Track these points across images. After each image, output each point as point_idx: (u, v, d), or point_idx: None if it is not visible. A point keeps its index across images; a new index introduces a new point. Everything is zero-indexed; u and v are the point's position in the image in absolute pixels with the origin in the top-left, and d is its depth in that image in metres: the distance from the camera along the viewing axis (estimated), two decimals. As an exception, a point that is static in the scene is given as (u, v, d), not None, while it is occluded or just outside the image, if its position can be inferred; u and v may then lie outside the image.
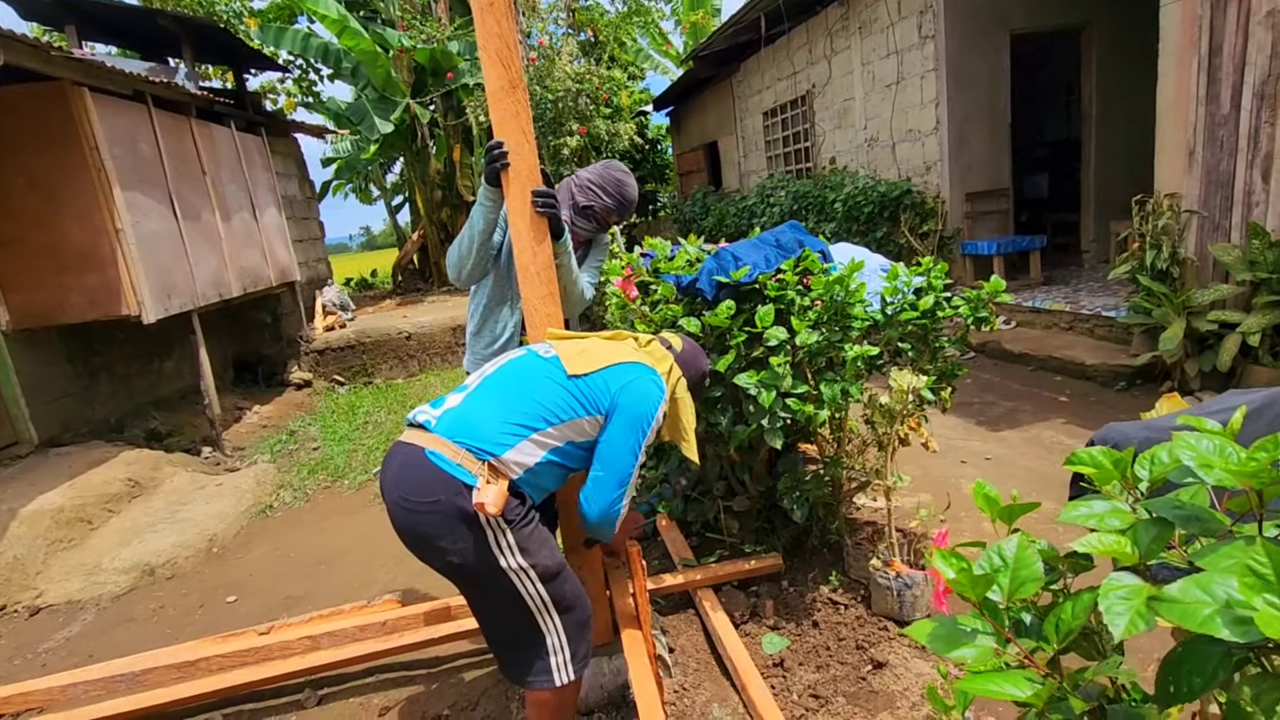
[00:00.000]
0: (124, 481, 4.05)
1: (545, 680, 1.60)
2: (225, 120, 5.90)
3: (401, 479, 1.52)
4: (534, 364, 1.69)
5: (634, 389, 1.65)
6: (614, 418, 1.63)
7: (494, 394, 1.62)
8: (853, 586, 2.50)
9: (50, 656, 2.85)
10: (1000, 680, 0.68)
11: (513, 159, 2.01)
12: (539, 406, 1.59)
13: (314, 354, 7.31)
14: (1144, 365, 4.19)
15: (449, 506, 1.47)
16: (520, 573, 1.55)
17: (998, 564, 0.76)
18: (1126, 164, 6.30)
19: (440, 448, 1.50)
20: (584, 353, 1.69)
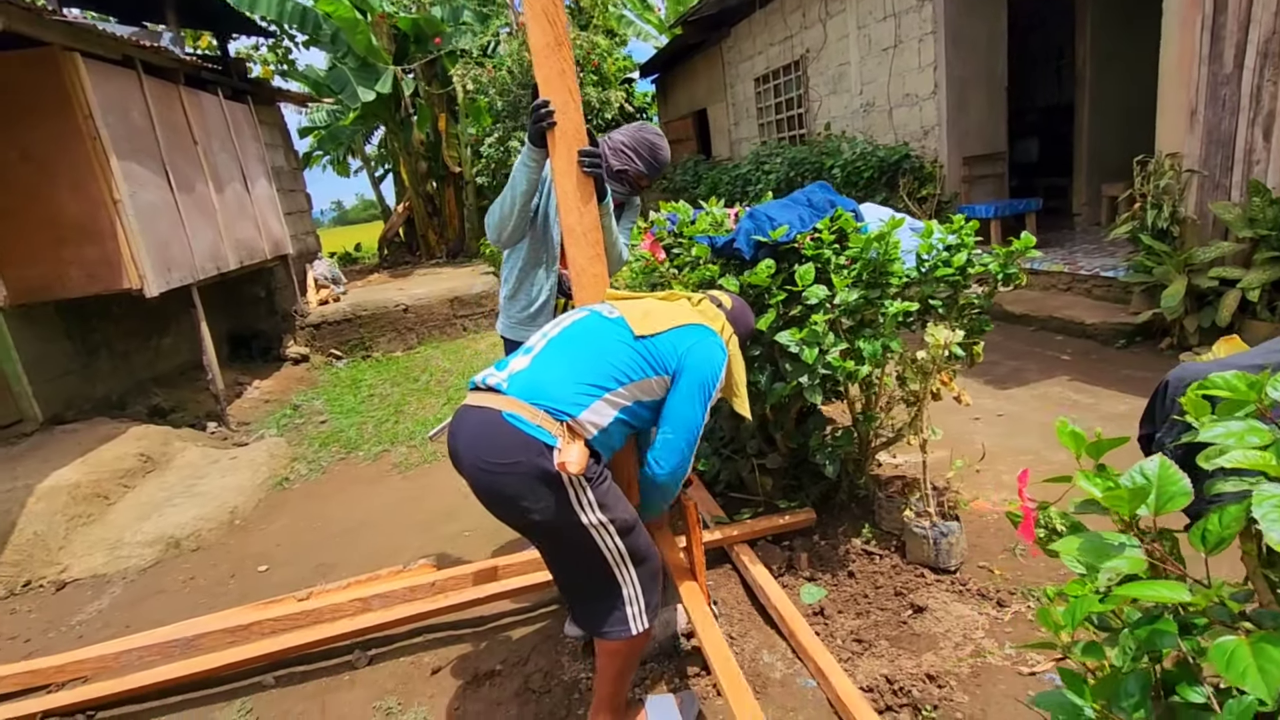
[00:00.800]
0: (136, 457, 4.02)
1: (622, 630, 1.66)
2: (212, 88, 5.73)
3: (479, 442, 1.54)
4: (601, 325, 1.71)
5: (699, 351, 1.69)
6: (681, 378, 1.67)
7: (564, 355, 1.64)
8: (885, 538, 2.58)
9: (85, 628, 2.85)
10: (1159, 587, 0.73)
11: (559, 118, 1.99)
12: (610, 367, 1.62)
13: (310, 328, 7.22)
14: (1144, 323, 4.30)
15: (531, 467, 1.49)
16: (600, 527, 1.59)
17: (1141, 482, 0.80)
18: (1119, 127, 6.37)
19: (518, 409, 1.52)
20: (648, 314, 1.72)
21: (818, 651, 2.00)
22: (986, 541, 2.53)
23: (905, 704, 1.90)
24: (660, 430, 1.68)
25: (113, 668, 2.13)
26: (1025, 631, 2.07)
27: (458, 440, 1.60)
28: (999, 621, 2.12)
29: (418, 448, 4.39)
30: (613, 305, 1.80)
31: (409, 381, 5.98)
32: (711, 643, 1.75)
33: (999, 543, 2.51)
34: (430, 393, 5.49)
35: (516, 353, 1.71)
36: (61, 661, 2.11)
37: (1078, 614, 0.99)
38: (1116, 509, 0.79)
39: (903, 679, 1.96)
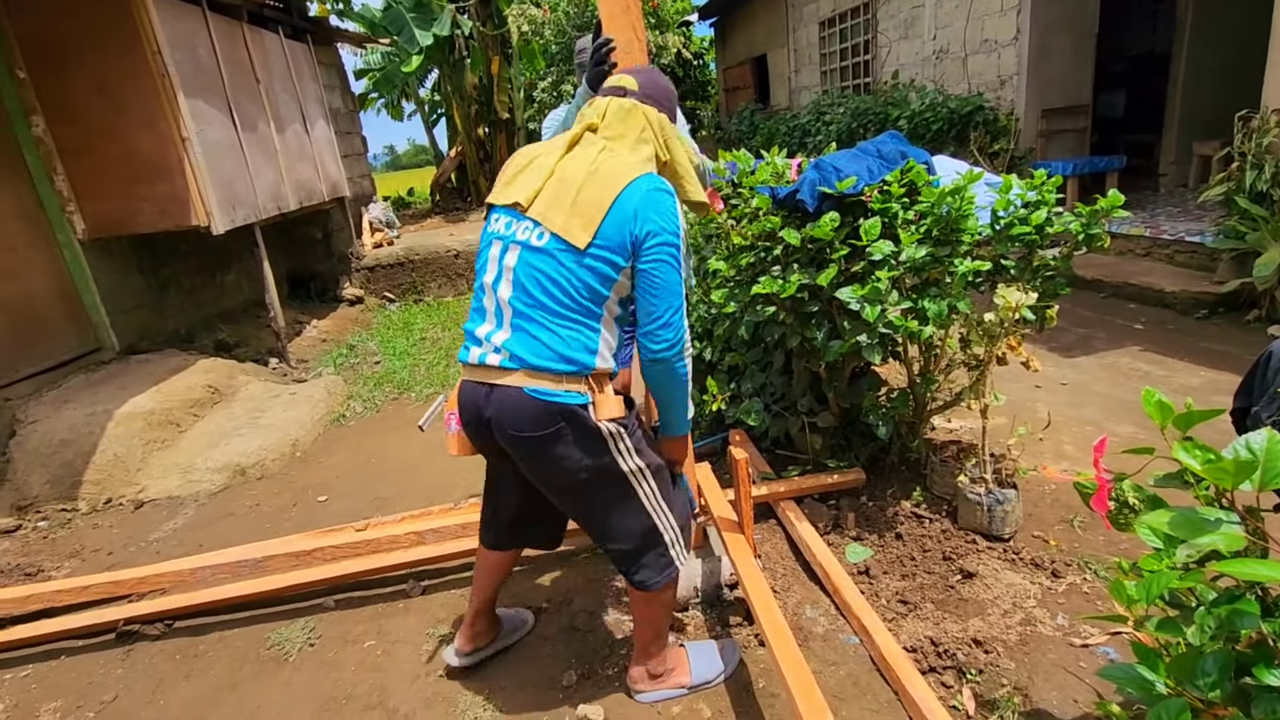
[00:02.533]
0: (205, 388, 4.21)
1: (670, 572, 1.70)
2: (273, 26, 5.75)
3: (509, 417, 1.50)
4: (543, 260, 1.49)
5: (646, 217, 1.48)
6: (645, 253, 1.50)
7: (536, 308, 1.49)
8: (935, 502, 2.54)
9: (161, 545, 3.04)
10: (1258, 565, 0.69)
11: (621, 58, 1.93)
12: (583, 295, 1.49)
13: (365, 271, 7.37)
14: (1229, 293, 4.04)
15: (571, 430, 1.51)
16: (638, 473, 1.62)
17: (1245, 456, 0.75)
18: (1219, 79, 5.88)
19: (538, 382, 1.48)
20: (573, 209, 1.48)
21: (862, 609, 1.99)
22: (1043, 511, 2.46)
23: (949, 666, 1.89)
24: (644, 308, 1.53)
25: (189, 582, 2.28)
26: (1079, 604, 2.02)
27: (484, 417, 1.55)
28: (1052, 592, 2.08)
29: (468, 391, 4.47)
30: (527, 219, 1.52)
31: (459, 326, 6.07)
32: (757, 594, 1.77)
33: (1055, 513, 2.44)
34: (480, 338, 5.57)
35: (476, 319, 1.60)
36: (144, 574, 2.27)
37: (1154, 589, 0.95)
38: (1219, 482, 0.75)
39: (947, 642, 1.95)
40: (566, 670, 2.03)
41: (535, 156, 1.60)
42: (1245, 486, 0.75)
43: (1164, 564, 1.00)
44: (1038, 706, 1.71)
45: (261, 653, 2.26)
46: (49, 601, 2.26)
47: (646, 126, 1.61)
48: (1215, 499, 1.05)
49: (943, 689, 1.82)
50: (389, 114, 18.83)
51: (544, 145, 1.65)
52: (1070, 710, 1.69)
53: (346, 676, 2.13)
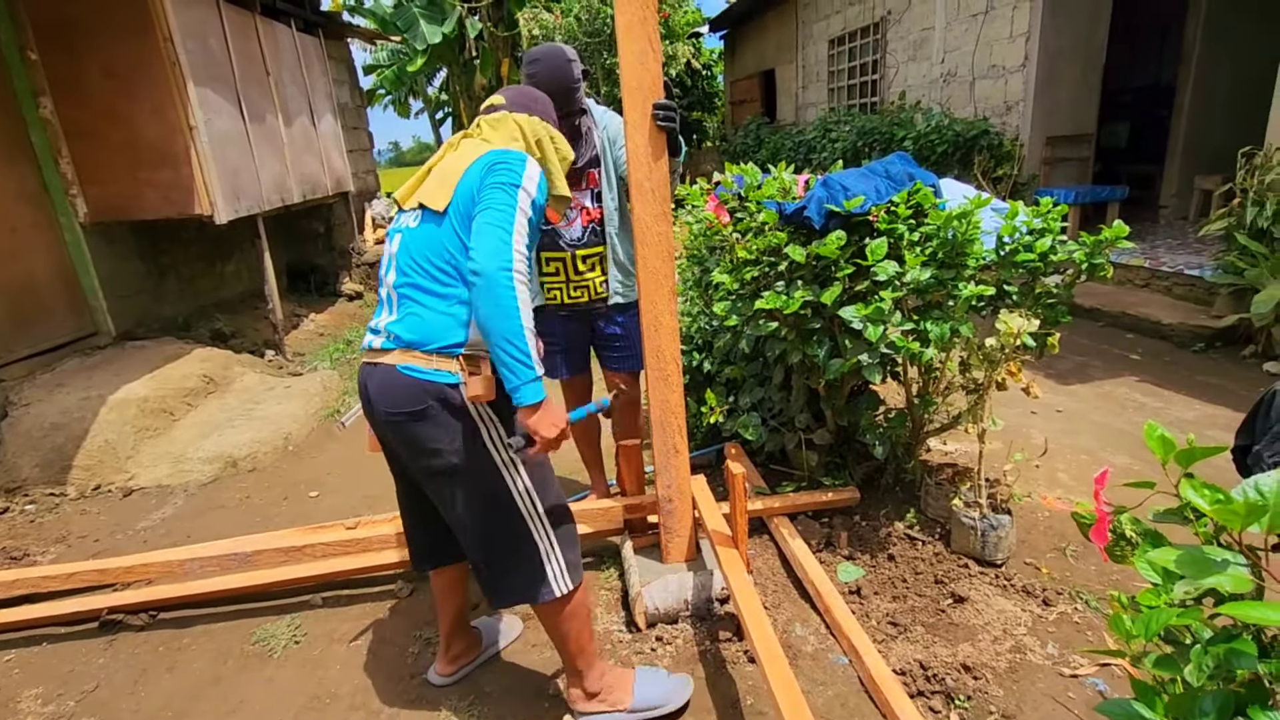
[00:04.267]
0: (200, 377, 4.19)
1: (545, 592, 1.63)
2: (285, 19, 5.76)
3: (383, 396, 1.52)
4: (416, 237, 1.55)
5: (490, 166, 1.52)
6: (481, 189, 1.50)
7: (414, 288, 1.53)
8: (929, 525, 2.54)
9: (149, 534, 3.02)
10: (1265, 609, 0.68)
11: (635, 69, 1.94)
12: (450, 264, 1.50)
13: (365, 266, 7.36)
14: (1227, 327, 4.06)
15: (438, 409, 1.49)
16: (510, 465, 1.58)
17: (1255, 499, 0.75)
18: (1223, 114, 5.94)
19: (411, 360, 1.49)
20: (440, 183, 1.55)
21: (852, 629, 1.99)
22: (1036, 539, 2.46)
23: (938, 691, 1.88)
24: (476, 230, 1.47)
25: (176, 573, 2.26)
26: (1070, 633, 2.02)
27: (364, 400, 1.60)
28: (1043, 620, 2.08)
29: (464, 392, 4.47)
30: (412, 210, 1.61)
31: (458, 326, 6.06)
32: (749, 610, 1.76)
33: (1049, 541, 2.45)
34: (478, 339, 5.56)
35: (376, 311, 1.65)
36: (130, 563, 2.25)
37: (1153, 625, 0.95)
38: (1228, 524, 0.75)
39: (937, 666, 1.94)
40: (554, 679, 2.02)
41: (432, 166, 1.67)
42: (1254, 529, 0.75)
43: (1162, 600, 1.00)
44: (1023, 739, 1.71)
45: (246, 648, 2.25)
46: (34, 587, 2.24)
47: (516, 127, 1.68)
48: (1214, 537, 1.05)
49: (930, 714, 1.82)
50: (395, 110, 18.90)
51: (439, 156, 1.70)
52: (1057, 741, 1.69)
53: (331, 675, 2.11)
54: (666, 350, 2.12)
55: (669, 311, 2.10)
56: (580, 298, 2.50)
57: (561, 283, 2.49)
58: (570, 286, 2.49)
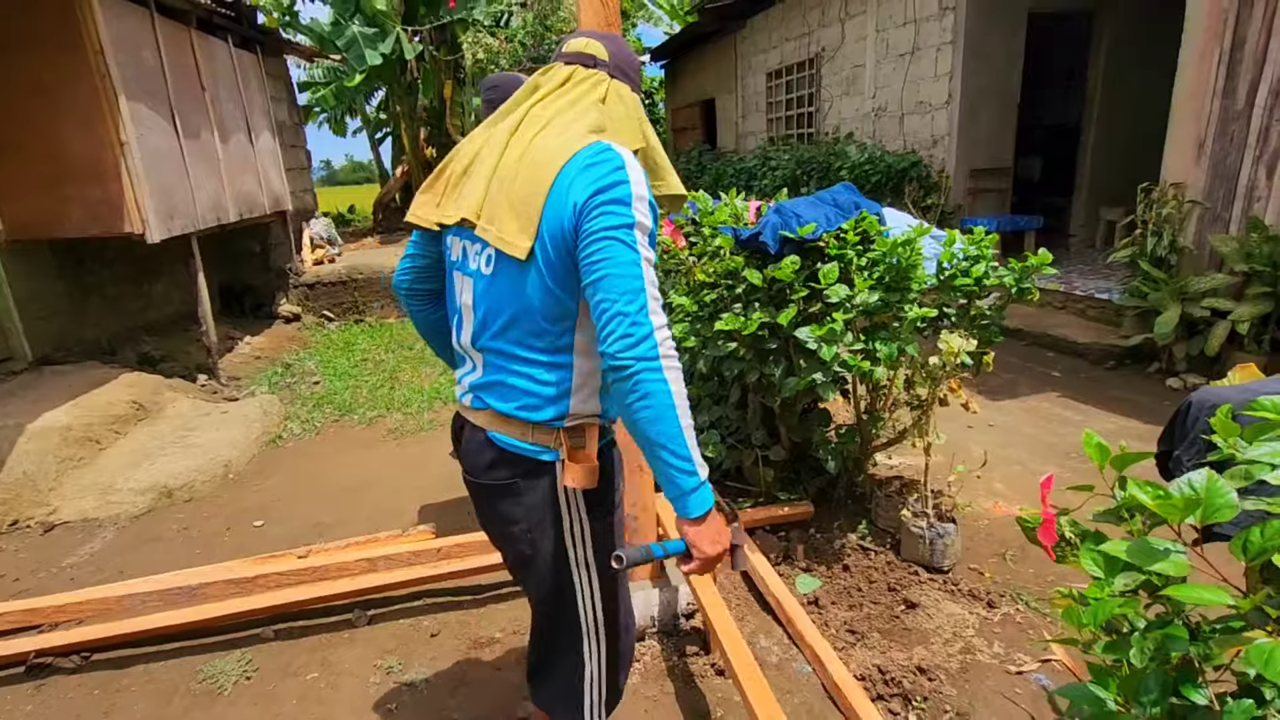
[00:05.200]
0: (128, 404, 3.97)
1: (574, 714, 1.37)
2: (222, 34, 5.61)
3: (470, 457, 1.31)
4: (497, 289, 1.19)
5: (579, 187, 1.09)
6: (582, 230, 1.09)
7: (500, 353, 1.22)
8: (880, 535, 2.66)
9: (76, 571, 2.83)
10: (1202, 591, 0.78)
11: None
12: (546, 320, 1.17)
13: (303, 287, 7.15)
14: (1134, 346, 4.42)
15: (523, 486, 1.24)
16: (583, 569, 1.30)
17: (1189, 493, 0.85)
18: (1123, 152, 6.49)
19: (504, 429, 1.23)
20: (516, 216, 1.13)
21: (815, 639, 2.06)
22: (978, 545, 2.61)
23: (896, 694, 1.97)
24: (591, 301, 1.10)
25: (115, 611, 2.13)
26: (1013, 633, 2.15)
27: (459, 445, 1.37)
28: (989, 621, 2.20)
29: (413, 415, 4.39)
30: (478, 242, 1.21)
31: (403, 349, 5.95)
32: (721, 625, 1.80)
33: (989, 547, 2.60)
34: (426, 362, 5.47)
35: (462, 360, 1.34)
36: (62, 601, 2.11)
37: (1100, 614, 1.05)
38: (1168, 516, 0.84)
39: (894, 670, 2.03)
40: (523, 701, 2.01)
41: (477, 154, 1.23)
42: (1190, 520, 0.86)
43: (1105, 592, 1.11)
44: (976, 734, 1.80)
45: (193, 686, 2.14)
46: (-47, 631, 2.07)
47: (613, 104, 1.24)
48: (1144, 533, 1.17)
49: (890, 716, 1.90)
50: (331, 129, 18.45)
51: (484, 135, 1.25)
52: (1008, 735, 1.79)
53: (287, 711, 2.03)
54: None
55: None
56: None
57: None
58: None
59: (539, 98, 1.24)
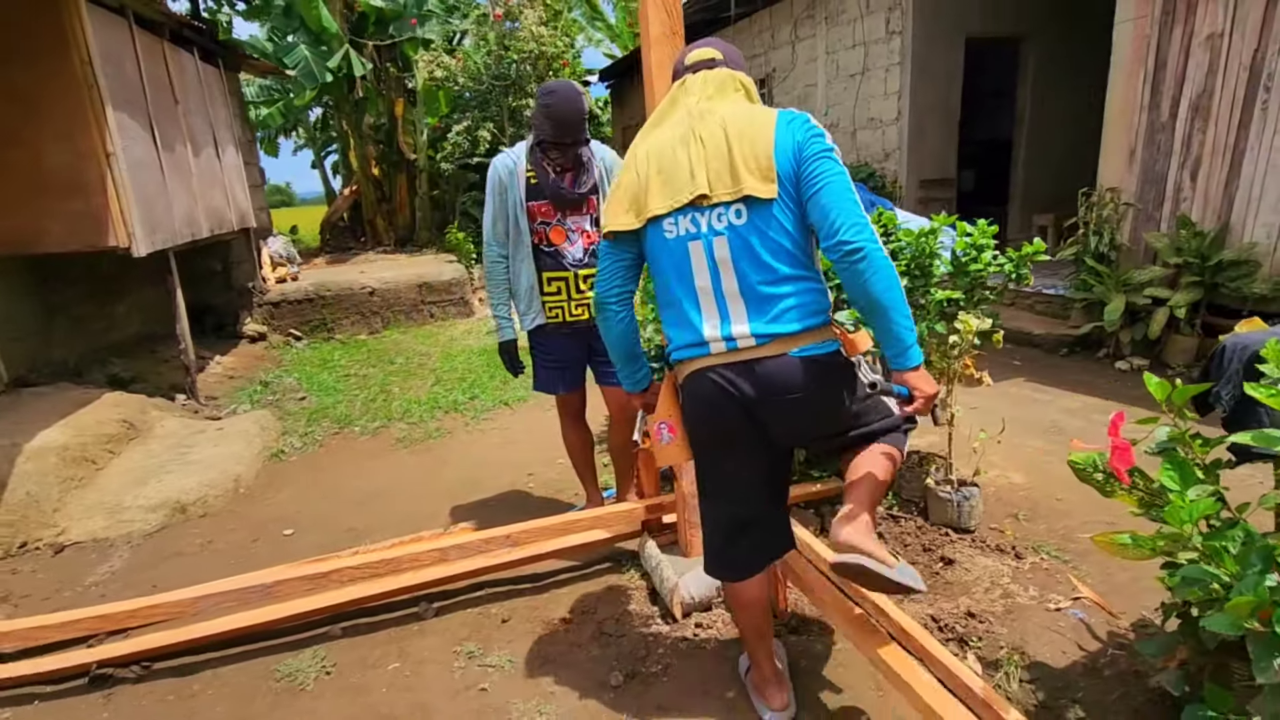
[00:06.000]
0: (119, 423, 3.82)
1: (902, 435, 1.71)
2: (190, 46, 5.48)
3: (777, 385, 1.51)
4: (754, 231, 1.48)
5: (796, 137, 1.47)
6: (805, 165, 1.45)
7: (773, 284, 1.49)
8: (905, 504, 2.88)
9: (105, 588, 2.73)
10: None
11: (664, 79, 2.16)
12: (797, 248, 1.50)
13: (269, 306, 6.95)
14: (1083, 335, 4.88)
15: (840, 373, 1.56)
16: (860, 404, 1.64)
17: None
18: (1051, 164, 7.14)
19: (803, 343, 1.51)
20: (747, 171, 1.45)
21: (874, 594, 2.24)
22: (991, 509, 2.87)
23: (951, 638, 2.16)
24: (820, 216, 1.43)
25: (188, 613, 2.10)
26: (1043, 578, 2.40)
27: (743, 393, 1.53)
28: (1019, 570, 2.45)
29: (417, 424, 4.38)
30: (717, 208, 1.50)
31: (385, 363, 5.89)
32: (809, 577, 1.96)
33: (1003, 510, 2.86)
34: (414, 375, 5.44)
35: (690, 323, 1.57)
36: (135, 606, 2.06)
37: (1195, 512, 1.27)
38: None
39: (945, 618, 2.23)
40: (610, 671, 2.10)
41: (660, 157, 1.54)
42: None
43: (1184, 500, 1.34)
44: (1035, 660, 2.02)
45: (272, 685, 2.13)
46: (25, 640, 1.99)
47: (744, 90, 1.62)
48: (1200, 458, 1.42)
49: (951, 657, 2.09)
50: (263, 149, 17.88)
51: (651, 144, 1.58)
52: (1062, 660, 2.02)
53: (377, 699, 2.06)
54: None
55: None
56: (581, 315, 2.65)
57: (564, 301, 2.64)
58: (572, 304, 2.64)
59: (698, 98, 1.58)
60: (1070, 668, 1.99)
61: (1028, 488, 3.06)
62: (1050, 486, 3.06)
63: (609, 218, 1.63)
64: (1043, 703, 1.89)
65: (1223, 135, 4.22)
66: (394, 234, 11.57)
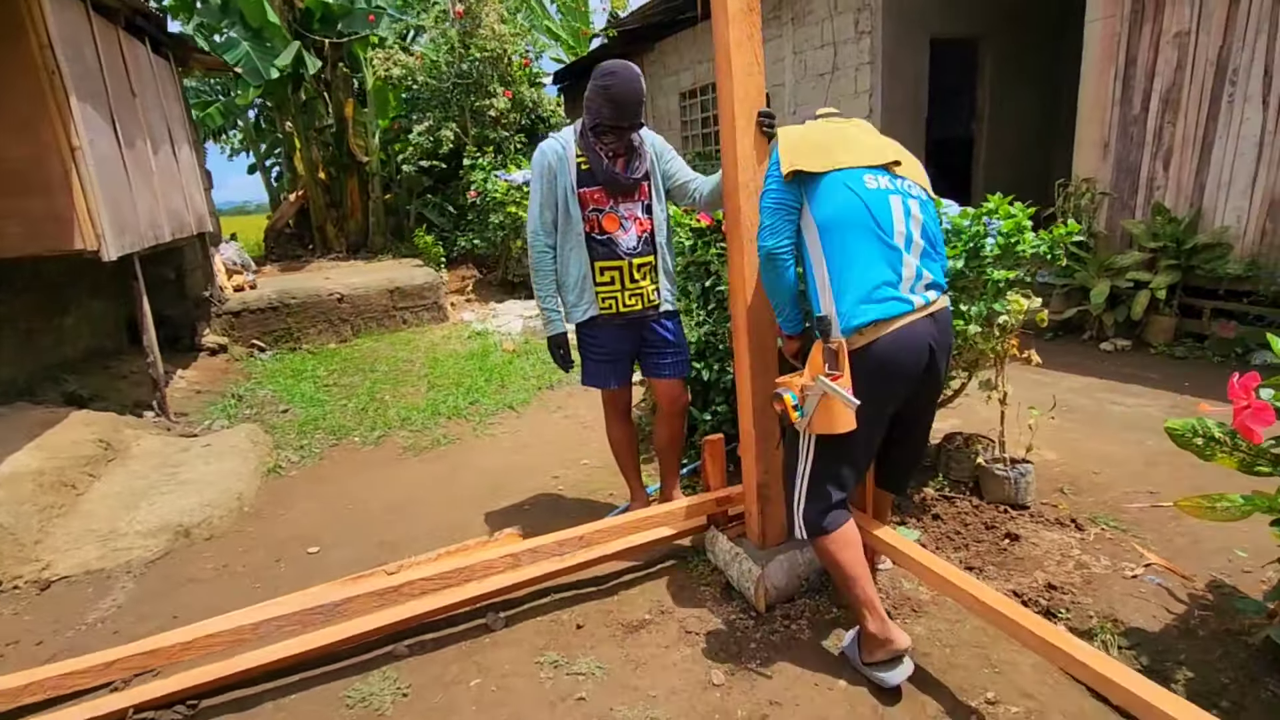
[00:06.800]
0: (95, 443, 3.47)
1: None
2: (143, 36, 5.08)
3: (947, 335, 1.90)
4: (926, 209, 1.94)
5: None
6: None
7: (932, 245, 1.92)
8: (955, 485, 2.90)
9: (118, 623, 2.45)
10: None
11: (743, 81, 2.11)
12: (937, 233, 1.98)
13: (228, 316, 6.51)
14: (1067, 319, 5.09)
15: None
16: None
17: None
18: (1009, 160, 7.44)
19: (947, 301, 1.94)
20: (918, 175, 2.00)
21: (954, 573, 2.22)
22: (1038, 485, 2.92)
23: (1037, 611, 2.17)
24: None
25: (250, 639, 1.89)
26: (1110, 547, 2.45)
27: (936, 341, 1.84)
28: (1085, 541, 2.49)
29: (422, 431, 4.16)
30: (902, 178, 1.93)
31: (366, 372, 5.60)
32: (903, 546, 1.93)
33: (1049, 485, 2.92)
34: (404, 382, 5.19)
35: (891, 267, 1.81)
36: (188, 637, 1.84)
37: None
38: None
39: (1027, 592, 2.25)
40: (708, 670, 2.02)
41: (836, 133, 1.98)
42: None
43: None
44: (1132, 626, 2.05)
45: (344, 712, 1.95)
46: (55, 689, 1.74)
47: None
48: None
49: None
50: (189, 154, 16.87)
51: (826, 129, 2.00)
52: (1155, 625, 2.05)
53: (468, 718, 1.90)
54: (768, 340, 2.26)
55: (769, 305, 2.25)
56: (635, 305, 2.56)
57: (617, 291, 2.54)
58: (626, 294, 2.55)
59: (850, 125, 2.06)
60: (1165, 632, 2.03)
61: (1062, 464, 3.14)
62: (1084, 462, 3.14)
63: (795, 157, 1.87)
64: (1147, 667, 1.91)
65: (1192, 127, 4.48)
66: (345, 240, 11.08)
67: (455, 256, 9.17)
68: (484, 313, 7.30)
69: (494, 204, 7.71)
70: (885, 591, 2.30)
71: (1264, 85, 4.13)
